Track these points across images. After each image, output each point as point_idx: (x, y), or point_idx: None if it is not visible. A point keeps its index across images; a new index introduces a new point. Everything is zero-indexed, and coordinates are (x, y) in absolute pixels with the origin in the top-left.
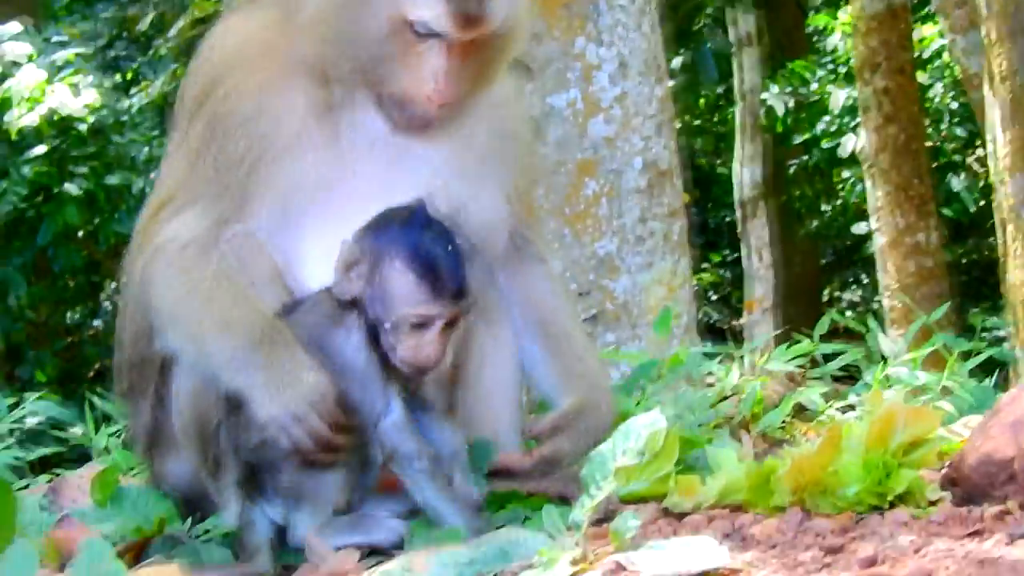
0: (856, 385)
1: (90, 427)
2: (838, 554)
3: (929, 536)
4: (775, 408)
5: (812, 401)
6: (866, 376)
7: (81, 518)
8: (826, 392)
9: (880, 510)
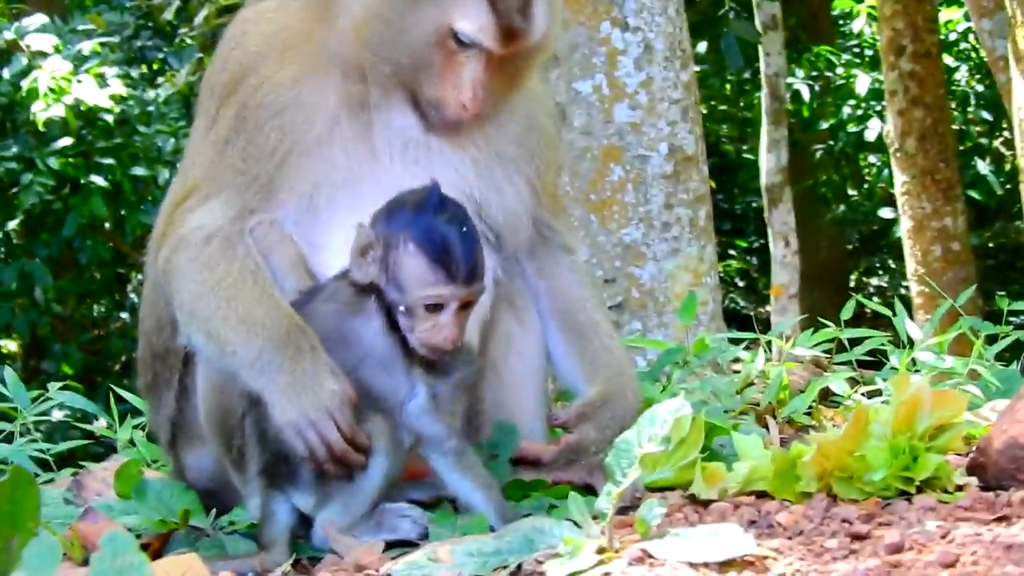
0: (882, 370)
1: (115, 419)
2: (864, 540)
3: (956, 521)
4: (801, 394)
5: (838, 387)
6: (892, 361)
7: (105, 511)
8: (852, 377)
9: (906, 495)
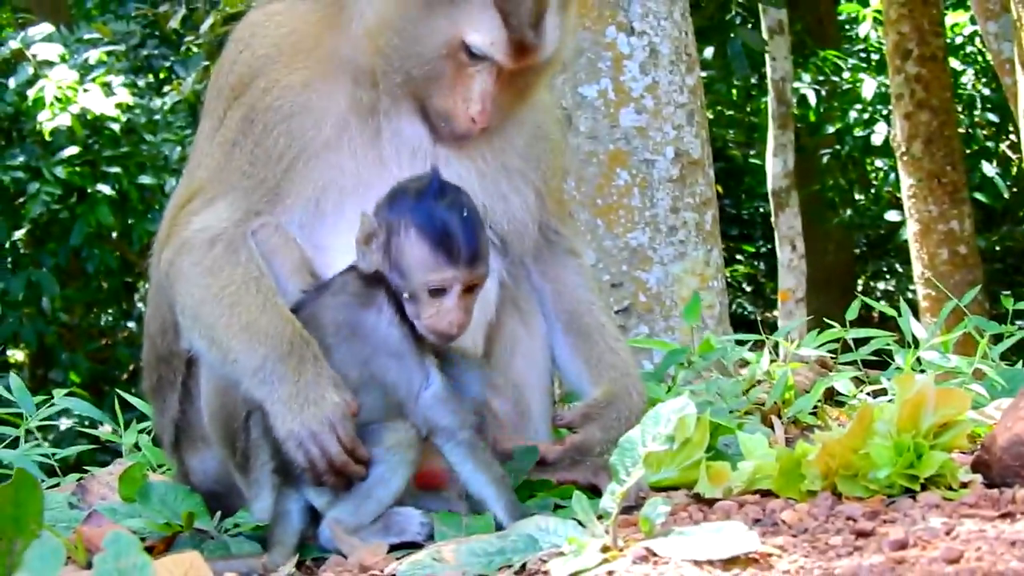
0: (887, 370)
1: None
2: (869, 537)
3: (960, 518)
4: (806, 394)
5: (843, 386)
6: (897, 361)
7: (109, 514)
8: (857, 377)
9: (911, 493)
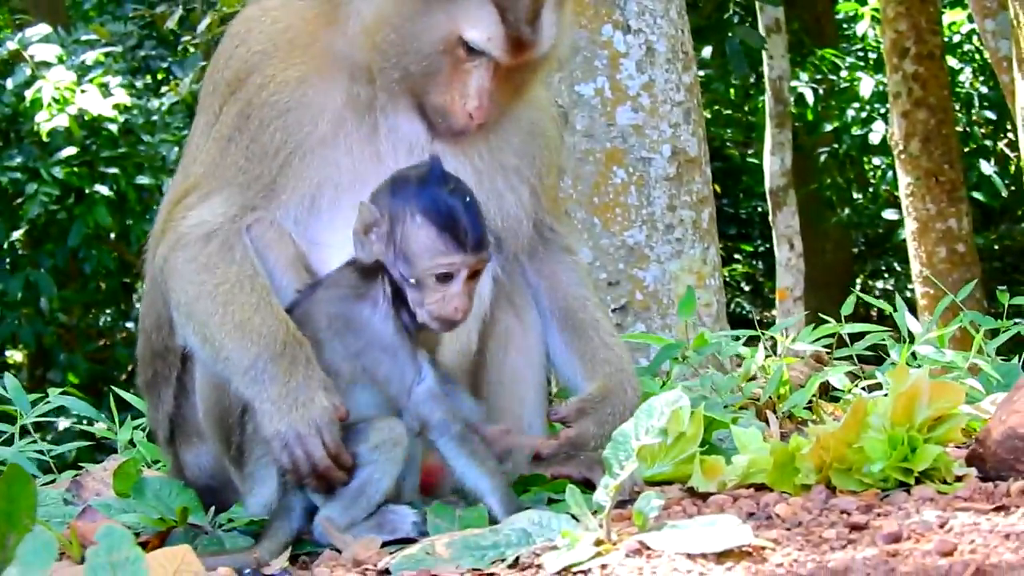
0: (883, 365)
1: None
2: (862, 531)
3: (954, 511)
4: (801, 389)
5: (838, 381)
6: (893, 355)
7: (103, 509)
8: (852, 372)
9: (905, 486)
